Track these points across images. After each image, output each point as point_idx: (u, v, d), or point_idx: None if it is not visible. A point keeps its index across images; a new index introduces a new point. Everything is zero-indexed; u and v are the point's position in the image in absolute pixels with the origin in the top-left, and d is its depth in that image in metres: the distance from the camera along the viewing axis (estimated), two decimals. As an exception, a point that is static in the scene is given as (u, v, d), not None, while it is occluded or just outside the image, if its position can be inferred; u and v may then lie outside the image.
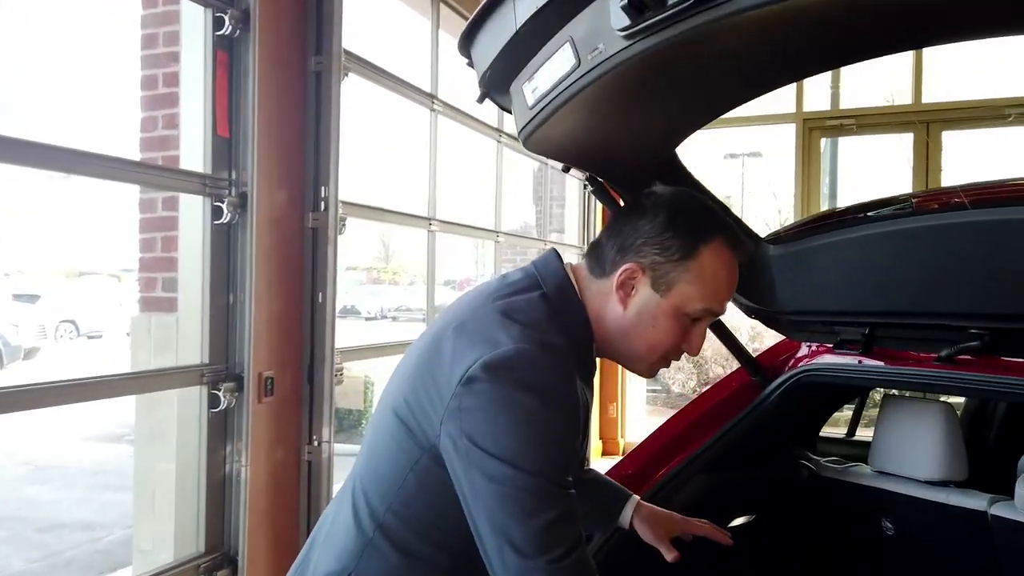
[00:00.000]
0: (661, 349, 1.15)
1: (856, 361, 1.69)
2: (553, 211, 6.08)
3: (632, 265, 1.12)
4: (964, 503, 1.59)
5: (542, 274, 1.17)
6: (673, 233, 1.10)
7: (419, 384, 1.11)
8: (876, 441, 1.79)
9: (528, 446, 1.00)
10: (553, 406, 1.02)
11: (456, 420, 1.03)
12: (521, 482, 0.99)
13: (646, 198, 1.15)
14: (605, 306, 1.15)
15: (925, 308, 1.51)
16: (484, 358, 1.02)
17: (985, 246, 1.36)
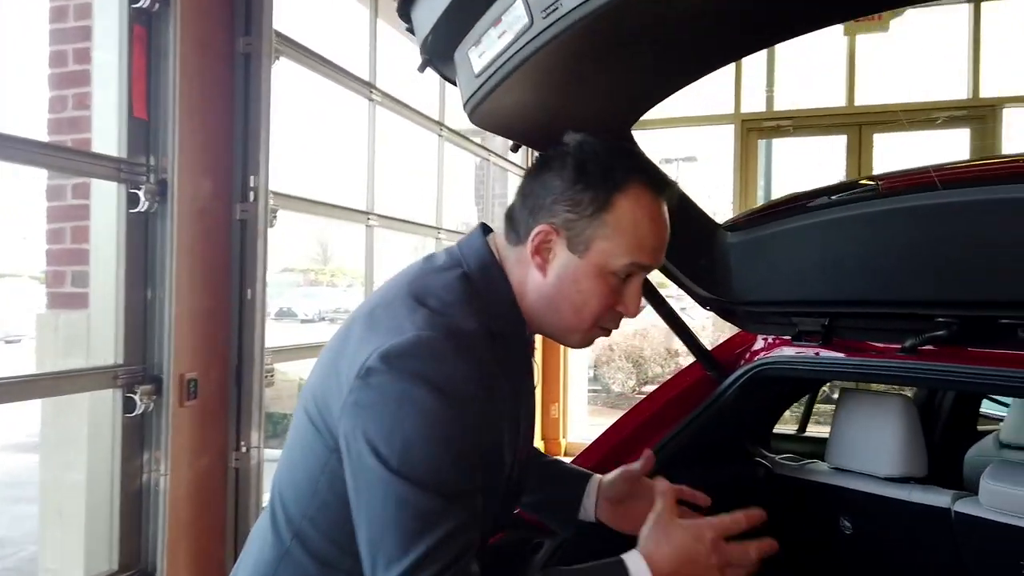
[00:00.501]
0: (590, 315, 1.04)
1: (816, 353, 1.62)
2: (495, 210, 5.97)
3: (544, 227, 1.01)
4: (926, 500, 1.54)
5: (464, 252, 1.07)
6: (583, 184, 1.00)
7: (326, 379, 1.01)
8: (833, 437, 1.73)
9: (420, 450, 0.89)
10: (453, 402, 0.91)
11: (351, 416, 0.93)
12: (407, 496, 0.88)
13: (553, 150, 1.05)
14: (526, 276, 1.05)
15: (891, 296, 1.45)
16: (382, 347, 0.92)
17: (957, 228, 1.30)
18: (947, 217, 1.31)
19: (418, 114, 4.28)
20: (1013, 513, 1.40)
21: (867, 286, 1.48)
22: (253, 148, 2.75)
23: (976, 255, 1.29)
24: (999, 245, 1.26)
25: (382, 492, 0.89)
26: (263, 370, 2.84)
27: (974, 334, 1.35)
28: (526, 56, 1.14)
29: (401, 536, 0.88)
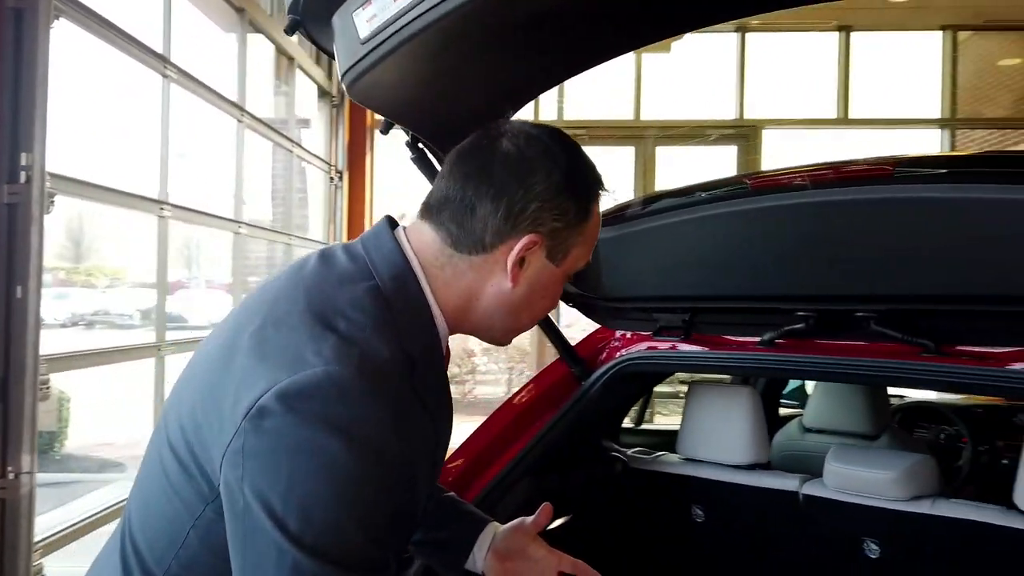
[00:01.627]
0: (541, 316, 1.01)
1: (680, 348, 1.66)
2: (294, 208, 5.63)
3: (533, 236, 0.90)
4: (775, 484, 1.63)
5: (373, 258, 0.90)
6: (570, 192, 0.92)
7: (201, 408, 0.84)
8: (684, 428, 1.79)
9: (323, 513, 0.76)
10: (364, 455, 0.77)
11: (237, 466, 0.78)
12: (305, 567, 0.75)
13: (526, 145, 0.91)
14: (482, 284, 0.92)
15: (753, 291, 1.52)
16: (282, 384, 0.77)
17: (819, 226, 1.38)
18: (810, 216, 1.39)
19: (218, 96, 3.90)
20: (854, 492, 1.52)
21: (730, 282, 1.54)
22: (26, 121, 2.33)
23: (835, 252, 1.38)
24: (857, 242, 1.35)
25: (275, 559, 0.75)
26: (37, 382, 2.41)
27: (831, 327, 1.45)
28: (426, 24, 1.03)
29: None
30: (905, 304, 1.35)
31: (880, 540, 1.51)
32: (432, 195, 0.96)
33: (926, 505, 1.45)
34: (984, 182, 1.20)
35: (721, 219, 1.50)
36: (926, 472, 1.50)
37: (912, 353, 1.37)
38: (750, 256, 1.48)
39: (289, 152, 5.15)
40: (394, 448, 0.80)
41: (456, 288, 0.93)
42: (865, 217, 1.33)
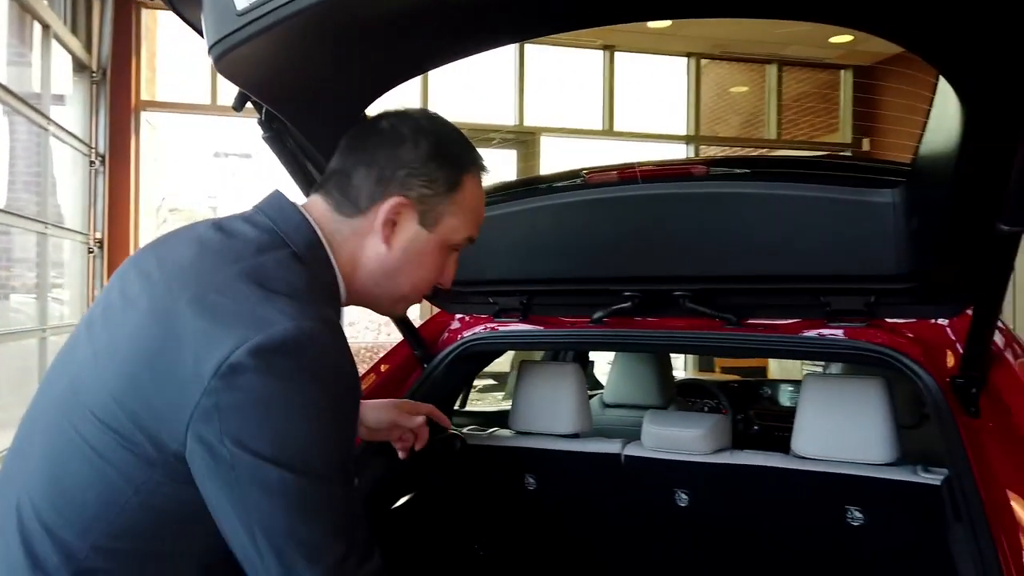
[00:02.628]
0: (424, 286, 1.10)
1: (519, 328, 1.79)
2: (48, 195, 5.01)
3: (400, 199, 1.02)
4: (600, 449, 1.82)
5: (283, 227, 0.98)
6: (438, 163, 1.03)
7: (142, 379, 0.87)
8: (516, 404, 1.92)
9: (316, 446, 0.85)
10: (341, 394, 0.89)
11: (212, 422, 0.83)
12: (311, 488, 0.84)
13: (398, 121, 1.06)
14: (362, 247, 1.03)
15: (585, 274, 1.68)
16: (253, 341, 0.83)
17: (643, 216, 1.57)
18: (637, 207, 1.58)
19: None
20: (668, 450, 1.74)
21: (564, 266, 1.69)
22: None
23: (657, 239, 1.59)
24: (676, 230, 1.57)
25: (282, 494, 0.82)
26: None
27: (653, 305, 1.66)
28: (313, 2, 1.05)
29: (319, 532, 0.84)
30: (714, 284, 1.59)
31: (689, 490, 1.75)
32: (326, 171, 1.08)
33: (725, 456, 1.71)
34: (779, 180, 1.46)
35: (557, 209, 1.65)
36: (723, 429, 1.76)
37: (718, 326, 1.61)
38: (583, 243, 1.64)
39: (44, 130, 4.58)
40: (356, 387, 0.91)
41: (344, 254, 1.02)
42: (683, 209, 1.54)
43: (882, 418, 1.55)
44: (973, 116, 1.04)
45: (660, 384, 2.62)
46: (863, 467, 1.56)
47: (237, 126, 8.42)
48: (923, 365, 1.39)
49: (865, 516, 1.58)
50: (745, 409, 3.30)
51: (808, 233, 1.45)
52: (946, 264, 1.32)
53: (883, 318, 1.51)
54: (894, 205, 1.34)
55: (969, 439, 1.30)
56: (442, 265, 1.10)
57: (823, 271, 1.47)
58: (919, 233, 1.31)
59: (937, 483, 1.47)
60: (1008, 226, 1.06)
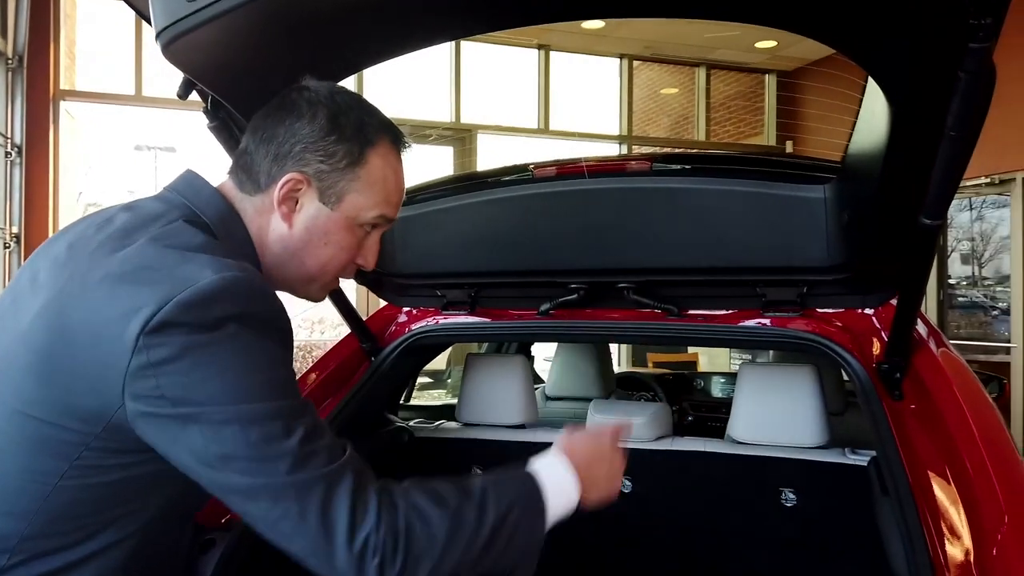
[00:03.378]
0: (335, 266, 1.05)
1: (466, 320, 1.81)
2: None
3: (295, 175, 0.98)
4: (547, 438, 1.84)
5: (194, 202, 0.98)
6: (337, 136, 0.98)
7: (62, 359, 0.86)
8: (463, 396, 1.95)
9: (256, 386, 0.85)
10: (274, 336, 0.88)
11: (148, 379, 0.82)
12: (263, 409, 0.84)
13: (297, 94, 1.01)
14: (267, 227, 1.01)
15: (533, 267, 1.71)
16: (178, 296, 0.83)
17: (591, 210, 1.61)
18: (583, 201, 1.62)
19: None
20: (612, 437, 1.79)
21: (512, 259, 1.72)
22: None
23: (603, 232, 1.63)
24: (620, 224, 1.61)
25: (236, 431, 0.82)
26: None
27: (598, 297, 1.70)
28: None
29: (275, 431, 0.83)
30: (656, 276, 1.64)
31: (632, 476, 1.80)
32: (238, 147, 1.05)
33: (667, 443, 1.78)
34: (718, 176, 1.53)
35: (505, 203, 1.67)
36: (664, 417, 1.83)
37: (661, 316, 1.67)
38: (530, 236, 1.68)
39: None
40: (289, 327, 0.91)
41: (252, 233, 1.01)
42: (627, 203, 1.59)
43: (813, 404, 1.64)
44: (899, 116, 1.11)
45: (601, 377, 2.68)
46: (796, 450, 1.64)
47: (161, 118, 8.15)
48: (852, 352, 1.47)
49: (798, 497, 1.66)
50: (679, 400, 3.41)
51: (745, 227, 1.51)
52: (873, 256, 1.41)
53: (814, 308, 1.59)
54: (825, 200, 1.42)
55: (894, 420, 1.39)
56: (354, 245, 1.04)
57: (759, 263, 1.54)
58: (848, 227, 1.39)
59: (864, 463, 1.56)
60: (929, 220, 1.14)
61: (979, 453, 1.19)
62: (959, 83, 0.97)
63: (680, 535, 1.83)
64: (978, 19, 0.91)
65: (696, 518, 1.79)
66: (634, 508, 1.82)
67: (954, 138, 1.04)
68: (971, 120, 1.04)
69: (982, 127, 1.12)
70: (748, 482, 1.70)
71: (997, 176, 5.83)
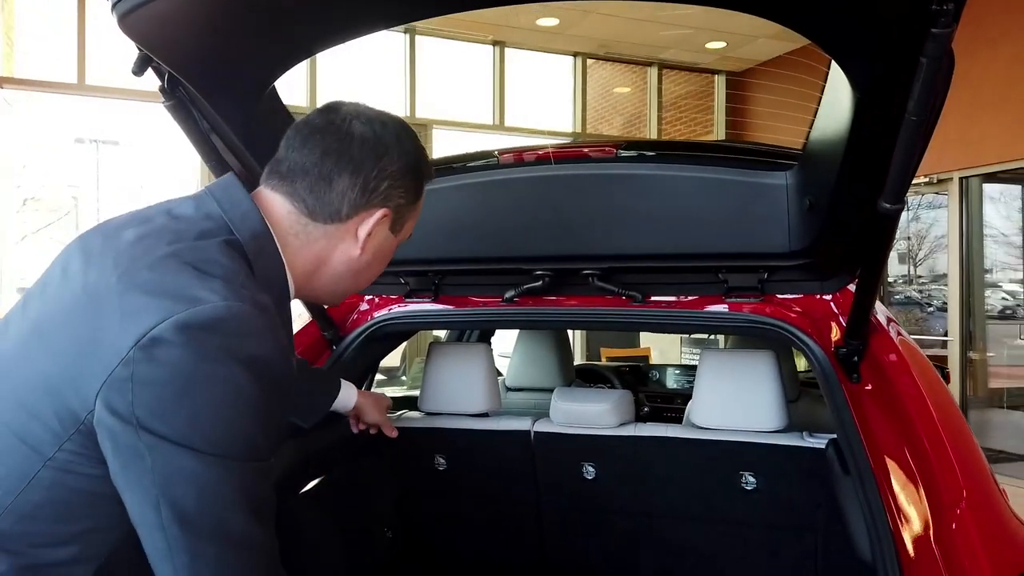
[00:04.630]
0: (375, 279, 1.14)
1: (430, 308, 1.79)
2: None
3: (387, 211, 1.04)
4: (512, 426, 1.85)
5: (231, 216, 0.97)
6: (414, 175, 1.06)
7: (68, 353, 0.85)
8: (426, 385, 1.93)
9: (231, 429, 0.83)
10: (265, 379, 0.85)
11: (126, 393, 0.81)
12: (220, 471, 0.82)
13: (382, 129, 1.03)
14: (333, 249, 1.03)
15: (496, 254, 1.70)
16: (178, 316, 0.82)
17: (554, 196, 1.61)
18: (548, 187, 1.62)
19: None
20: (576, 425, 1.80)
21: (476, 246, 1.71)
22: None
23: (567, 219, 1.63)
24: (585, 210, 1.62)
25: (189, 477, 0.80)
26: None
27: (563, 284, 1.70)
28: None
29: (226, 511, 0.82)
30: (621, 262, 1.65)
31: (596, 463, 1.81)
32: (283, 164, 1.02)
33: (629, 429, 1.79)
34: (682, 163, 1.54)
35: (469, 189, 1.66)
36: (626, 404, 1.84)
37: (626, 303, 1.68)
38: (495, 223, 1.67)
39: None
40: (283, 375, 0.89)
41: (307, 254, 1.01)
42: (592, 189, 1.60)
43: (772, 388, 1.67)
44: (862, 102, 1.14)
45: (561, 367, 2.69)
46: (756, 435, 1.67)
47: (104, 110, 7.89)
48: (812, 336, 1.51)
49: (758, 480, 1.69)
50: (635, 392, 3.45)
51: (708, 213, 1.53)
52: (833, 241, 1.44)
53: (774, 294, 1.62)
54: (787, 187, 1.45)
55: (852, 402, 1.42)
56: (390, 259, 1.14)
57: (722, 249, 1.56)
58: (810, 212, 1.42)
59: (822, 446, 1.59)
60: (889, 204, 1.17)
61: (937, 432, 1.23)
62: (920, 68, 1.00)
63: (642, 520, 1.84)
64: (940, 5, 0.94)
65: (658, 503, 1.81)
66: (597, 494, 1.83)
67: (915, 122, 1.07)
68: (932, 104, 1.07)
69: (941, 112, 1.16)
70: (709, 466, 1.72)
71: (935, 175, 6.04)
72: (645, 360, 5.78)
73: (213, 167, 1.48)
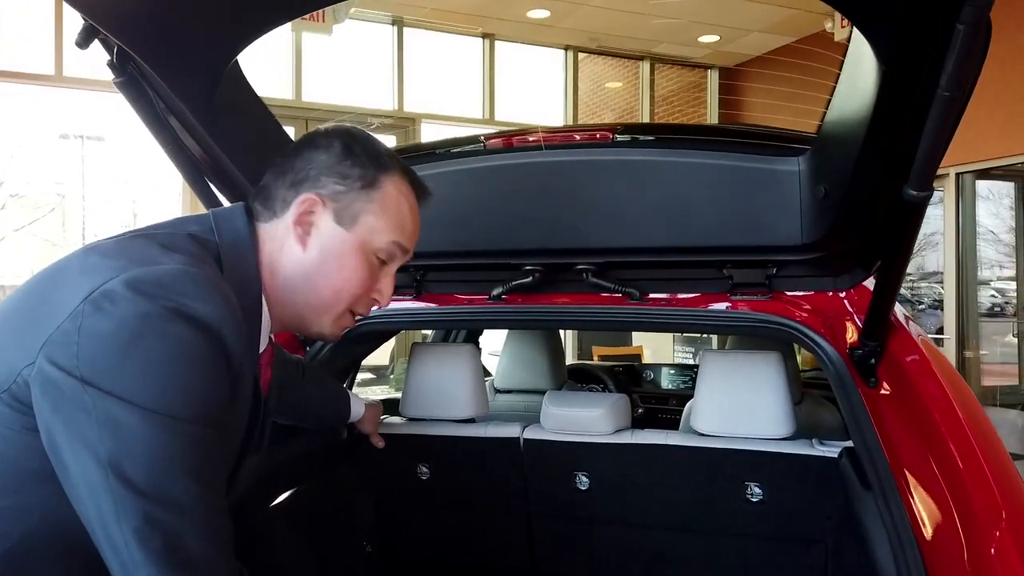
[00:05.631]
0: (348, 294, 1.01)
1: (412, 306, 1.67)
2: None
3: (311, 196, 0.99)
4: (498, 433, 1.73)
5: (217, 220, 0.99)
6: (352, 161, 1.00)
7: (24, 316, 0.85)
8: (408, 389, 1.80)
9: (177, 387, 0.81)
10: (216, 345, 0.83)
11: (70, 345, 0.79)
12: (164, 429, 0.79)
13: (315, 133, 1.04)
14: (280, 251, 1.00)
15: (483, 247, 1.58)
16: (131, 273, 0.82)
17: (545, 185, 1.49)
18: (538, 175, 1.50)
19: None
20: (568, 431, 1.68)
21: (461, 239, 1.59)
22: None
23: (559, 209, 1.51)
24: (578, 200, 1.49)
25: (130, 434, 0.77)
26: None
27: (554, 280, 1.58)
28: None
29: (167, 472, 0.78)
30: (617, 257, 1.53)
31: (590, 472, 1.69)
32: (255, 189, 1.05)
33: (626, 436, 1.66)
34: (684, 148, 1.42)
35: (452, 177, 1.54)
36: (623, 408, 1.72)
37: (622, 300, 1.56)
38: (481, 214, 1.55)
39: None
40: (236, 337, 0.85)
41: (264, 260, 0.99)
42: (587, 177, 1.47)
43: (779, 392, 1.55)
44: (888, 76, 1.02)
45: (553, 368, 2.56)
46: (761, 442, 1.55)
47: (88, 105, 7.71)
48: (825, 337, 1.39)
49: (764, 490, 1.57)
50: (629, 393, 3.34)
51: (712, 203, 1.41)
52: (849, 233, 1.32)
53: (783, 291, 1.50)
54: (799, 173, 1.33)
55: (870, 408, 1.30)
56: (368, 274, 1.02)
57: (727, 242, 1.44)
58: (824, 202, 1.30)
59: (834, 455, 1.48)
60: (916, 191, 1.06)
61: (968, 444, 1.11)
62: (956, 36, 0.89)
63: (640, 533, 1.72)
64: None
65: (656, 515, 1.69)
66: (591, 505, 1.71)
67: (947, 98, 0.95)
68: (966, 78, 0.95)
69: (975, 87, 1.05)
70: (712, 476, 1.61)
71: (931, 172, 5.94)
72: (638, 359, 5.67)
73: (171, 152, 1.35)
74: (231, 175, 1.36)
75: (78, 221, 11.13)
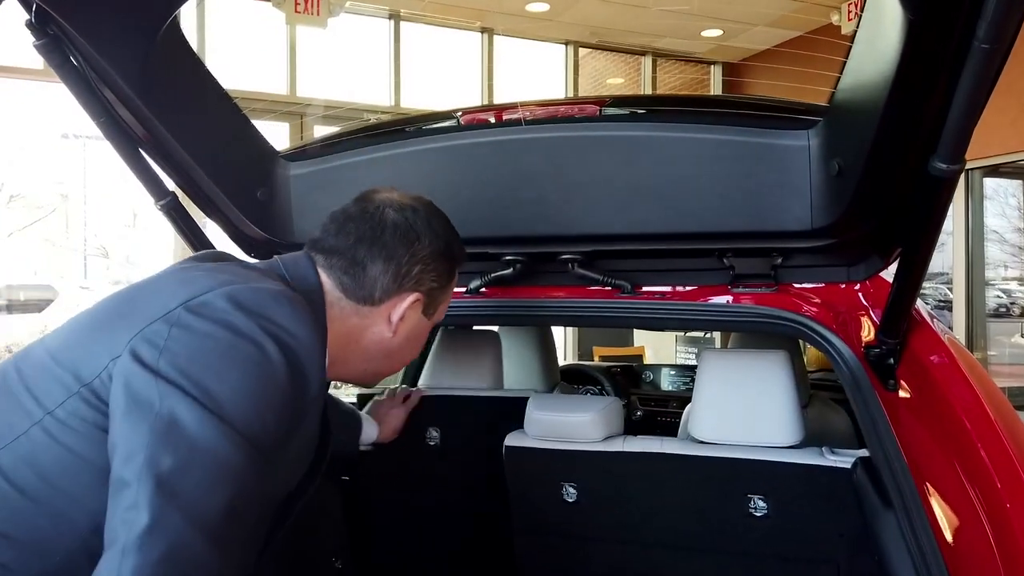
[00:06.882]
0: (408, 362, 1.17)
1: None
2: None
3: (419, 295, 1.06)
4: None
5: (291, 271, 1.00)
6: (444, 259, 1.08)
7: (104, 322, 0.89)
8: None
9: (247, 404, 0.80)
10: (296, 375, 0.84)
11: (156, 342, 0.81)
12: (219, 440, 0.77)
13: (412, 216, 1.05)
14: (365, 329, 1.05)
15: (461, 235, 1.43)
16: (232, 287, 0.86)
17: (527, 164, 1.34)
18: (519, 153, 1.35)
19: None
20: (554, 438, 1.53)
21: None
22: None
23: (542, 192, 1.36)
24: (563, 181, 1.35)
25: (188, 436, 0.76)
26: None
27: (537, 272, 1.43)
28: None
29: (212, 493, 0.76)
30: (606, 245, 1.38)
31: (577, 483, 1.54)
32: (321, 243, 1.05)
33: (617, 443, 1.52)
34: (680, 122, 1.27)
35: (425, 155, 1.40)
36: (614, 413, 1.57)
37: (612, 294, 1.41)
38: (455, 197, 1.39)
39: None
40: (314, 373, 0.87)
41: (340, 327, 1.02)
42: (573, 156, 1.33)
43: (787, 396, 1.40)
44: (916, 28, 0.87)
45: (543, 368, 2.41)
46: (767, 451, 1.40)
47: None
48: (837, 334, 1.24)
49: (769, 504, 1.42)
50: (627, 395, 3.18)
51: (711, 183, 1.27)
52: (866, 216, 1.17)
53: (790, 283, 1.35)
54: (808, 148, 1.18)
55: (889, 414, 1.15)
56: (424, 342, 1.15)
57: (727, 228, 1.29)
58: (837, 180, 1.15)
59: (847, 466, 1.33)
60: (945, 164, 0.91)
61: (1006, 456, 0.96)
62: None
63: (633, 551, 1.57)
64: None
65: (650, 530, 1.54)
66: (579, 519, 1.56)
67: (985, 51, 0.82)
68: (1009, 25, 0.81)
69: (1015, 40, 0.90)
70: (711, 488, 1.46)
71: (940, 168, 5.80)
72: (639, 360, 5.52)
73: (102, 125, 1.21)
74: (172, 151, 1.22)
75: (80, 222, 11.07)
